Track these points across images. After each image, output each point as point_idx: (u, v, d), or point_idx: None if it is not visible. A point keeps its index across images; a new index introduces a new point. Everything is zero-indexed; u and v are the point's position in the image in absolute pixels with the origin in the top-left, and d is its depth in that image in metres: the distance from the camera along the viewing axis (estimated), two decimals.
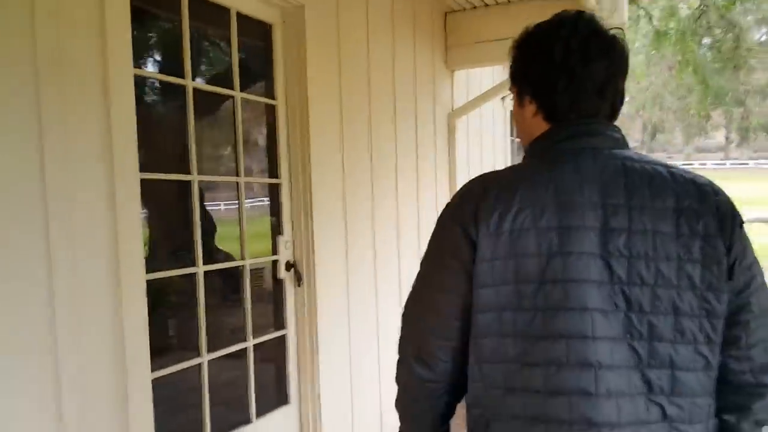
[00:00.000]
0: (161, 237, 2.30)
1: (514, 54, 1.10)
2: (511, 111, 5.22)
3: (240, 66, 2.40)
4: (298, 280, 2.64)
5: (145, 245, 1.97)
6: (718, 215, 0.94)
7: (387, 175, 3.26)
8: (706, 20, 13.67)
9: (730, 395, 0.97)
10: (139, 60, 1.99)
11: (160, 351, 1.95)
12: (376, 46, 3.17)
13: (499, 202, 0.96)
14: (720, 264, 0.93)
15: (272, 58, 2.59)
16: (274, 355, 2.63)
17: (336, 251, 2.80)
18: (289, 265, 2.63)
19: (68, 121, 1.65)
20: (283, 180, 2.63)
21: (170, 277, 2.09)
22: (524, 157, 1.10)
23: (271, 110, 2.61)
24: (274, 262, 2.60)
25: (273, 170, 2.63)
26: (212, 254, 2.40)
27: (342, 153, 2.86)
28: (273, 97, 2.59)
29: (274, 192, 2.64)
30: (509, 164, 5.04)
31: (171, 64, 2.15)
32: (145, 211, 2.05)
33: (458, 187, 3.51)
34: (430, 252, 1.06)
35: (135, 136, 1.89)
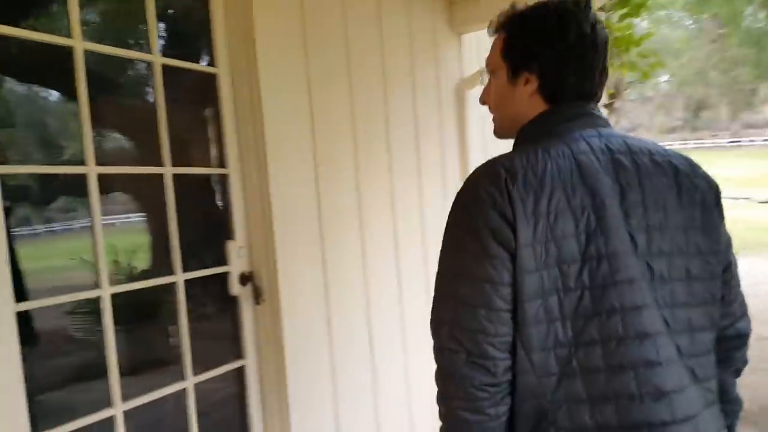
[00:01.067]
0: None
1: (511, 29, 1.10)
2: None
3: (160, 23, 1.84)
4: (257, 296, 2.07)
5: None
6: (711, 187, 1.05)
7: (376, 158, 2.65)
8: None
9: (716, 349, 1.03)
10: None
11: (49, 403, 1.44)
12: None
13: (529, 183, 0.94)
14: (716, 230, 1.03)
15: (209, 15, 2.02)
16: (229, 395, 2.07)
17: (308, 257, 2.22)
18: (244, 278, 2.06)
19: None
20: (232, 170, 2.06)
21: (61, 306, 1.55)
22: (523, 137, 1.08)
23: (210, 81, 2.04)
24: (223, 275, 2.03)
25: (219, 158, 2.07)
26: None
27: (312, 133, 2.27)
28: (212, 64, 2.03)
29: (221, 186, 2.08)
30: None
31: (54, 21, 1.61)
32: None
33: (471, 169, 2.82)
34: (461, 241, 0.98)
35: None
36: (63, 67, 1.53)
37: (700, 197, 1.01)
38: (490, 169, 0.98)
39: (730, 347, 1.08)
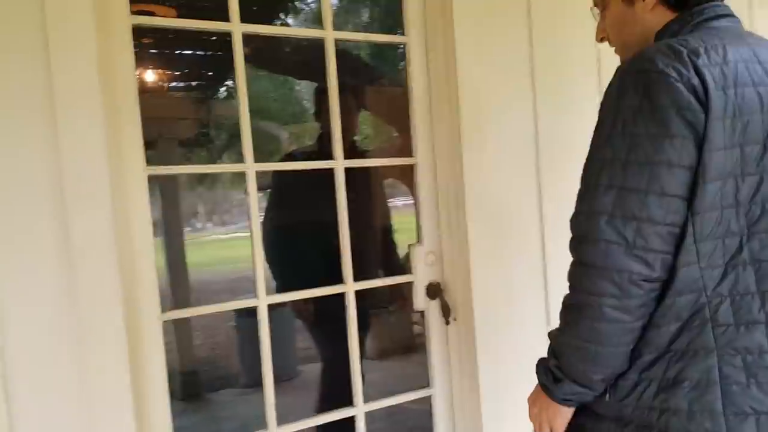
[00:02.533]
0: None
1: None
2: None
3: None
4: (446, 314, 1.69)
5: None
6: None
7: None
8: None
9: None
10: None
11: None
12: None
13: (712, 58, 0.86)
14: None
15: None
16: (412, 427, 1.75)
17: (519, 264, 1.73)
18: (432, 290, 1.71)
19: None
20: (421, 159, 1.71)
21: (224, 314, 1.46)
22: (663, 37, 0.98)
23: (399, 54, 1.72)
24: (407, 286, 1.71)
25: (405, 145, 1.74)
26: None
27: (534, 113, 1.75)
28: (402, 32, 1.70)
29: (408, 178, 1.75)
30: None
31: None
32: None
33: None
34: (631, 122, 0.86)
35: (137, 115, 1.35)
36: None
37: None
38: (664, 47, 0.88)
39: None
